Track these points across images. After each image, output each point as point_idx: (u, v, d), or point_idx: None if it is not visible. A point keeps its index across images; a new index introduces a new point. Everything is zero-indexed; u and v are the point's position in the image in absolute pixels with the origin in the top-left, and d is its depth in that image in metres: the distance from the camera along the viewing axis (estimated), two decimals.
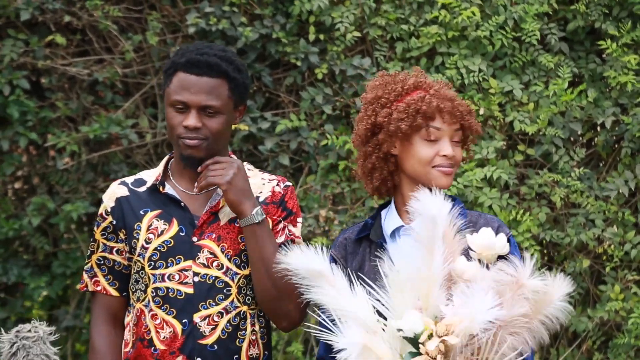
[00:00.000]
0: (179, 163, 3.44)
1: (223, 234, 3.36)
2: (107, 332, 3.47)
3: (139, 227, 3.38)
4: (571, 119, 5.35)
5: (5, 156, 5.72)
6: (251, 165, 3.53)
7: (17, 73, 5.56)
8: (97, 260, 3.46)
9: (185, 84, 3.32)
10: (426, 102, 3.19)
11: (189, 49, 3.39)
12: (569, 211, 5.35)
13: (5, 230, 5.67)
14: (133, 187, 3.45)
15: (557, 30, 5.42)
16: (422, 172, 3.22)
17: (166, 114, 3.37)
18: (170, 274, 3.34)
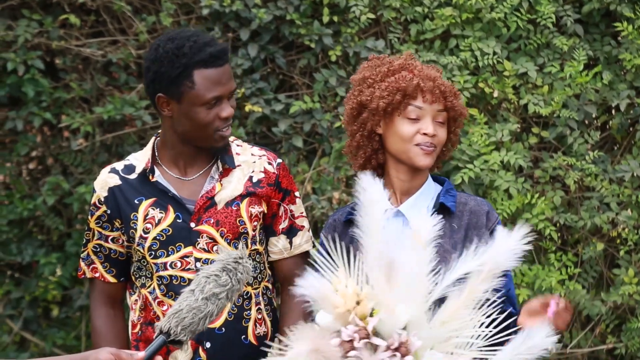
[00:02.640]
0: (177, 150, 3.39)
1: (221, 218, 3.36)
2: (107, 313, 3.50)
3: (135, 217, 3.37)
4: (586, 101, 5.32)
5: (19, 136, 5.73)
6: (240, 140, 3.52)
7: (31, 53, 5.56)
8: (94, 248, 3.47)
9: (216, 78, 3.27)
10: (407, 80, 3.23)
11: (196, 46, 3.28)
12: (583, 194, 5.34)
13: (20, 210, 5.69)
14: (124, 174, 3.42)
15: (572, 13, 5.39)
16: (403, 149, 3.27)
17: (193, 115, 3.27)
18: (172, 262, 3.35)
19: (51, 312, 6.19)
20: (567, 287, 5.17)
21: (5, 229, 5.72)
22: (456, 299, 2.74)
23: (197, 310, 2.80)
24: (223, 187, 3.40)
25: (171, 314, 2.81)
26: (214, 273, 2.84)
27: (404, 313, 2.69)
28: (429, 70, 3.33)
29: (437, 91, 3.26)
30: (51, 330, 5.94)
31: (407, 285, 2.71)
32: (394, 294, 2.72)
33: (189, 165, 3.41)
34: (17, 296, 5.89)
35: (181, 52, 3.28)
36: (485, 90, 5.27)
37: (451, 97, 3.30)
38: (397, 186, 3.34)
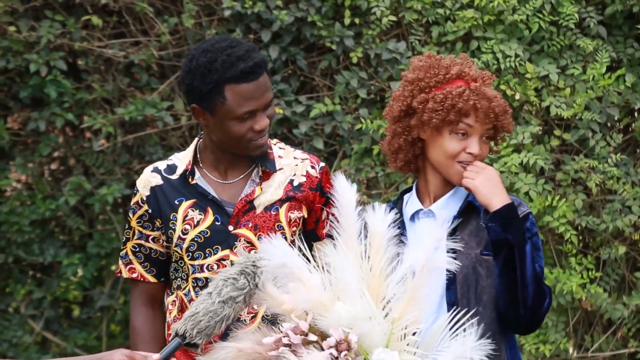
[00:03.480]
0: (217, 156, 3.39)
1: (260, 222, 3.34)
2: (146, 313, 3.49)
3: (174, 217, 3.36)
4: (608, 104, 5.30)
5: (42, 137, 5.76)
6: (282, 143, 3.50)
7: (54, 54, 5.59)
8: (133, 248, 3.46)
9: (248, 93, 3.22)
10: (463, 99, 3.16)
11: (228, 61, 3.23)
12: (605, 197, 5.31)
13: (42, 210, 5.71)
14: (166, 174, 3.42)
15: (595, 14, 5.36)
16: (444, 164, 3.22)
17: (227, 128, 3.23)
18: (208, 264, 3.34)
19: (72, 312, 6.21)
20: (588, 291, 5.14)
21: (27, 229, 5.75)
22: (403, 296, 2.78)
23: (213, 314, 2.79)
24: (263, 191, 3.37)
25: (187, 317, 2.80)
26: (231, 276, 2.83)
27: (343, 311, 2.74)
28: (484, 84, 3.24)
29: (492, 114, 3.20)
30: (72, 330, 5.97)
31: (342, 285, 2.77)
32: (329, 293, 2.78)
33: (230, 168, 3.39)
34: (38, 296, 5.92)
35: (213, 66, 3.22)
36: (507, 92, 5.24)
37: (502, 117, 3.24)
38: (432, 189, 3.30)
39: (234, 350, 2.87)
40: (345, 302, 2.77)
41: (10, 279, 5.95)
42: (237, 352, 2.86)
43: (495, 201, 3.13)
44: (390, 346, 2.77)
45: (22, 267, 5.98)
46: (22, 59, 5.61)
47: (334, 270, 2.82)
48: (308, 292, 2.79)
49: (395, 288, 2.79)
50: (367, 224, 2.87)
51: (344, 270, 2.80)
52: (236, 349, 2.87)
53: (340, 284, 2.80)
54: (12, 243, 5.84)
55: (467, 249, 3.16)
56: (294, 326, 2.78)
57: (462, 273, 3.16)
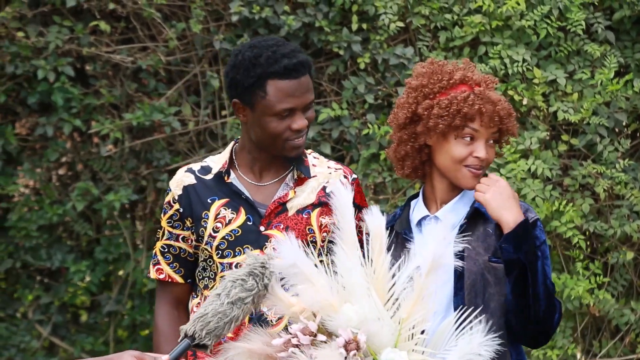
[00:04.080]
0: (254, 156, 3.40)
1: (291, 225, 3.35)
2: (171, 314, 3.49)
3: (206, 215, 3.37)
4: (616, 109, 5.29)
5: (49, 142, 5.77)
6: (317, 153, 3.52)
7: (62, 60, 5.60)
8: (162, 248, 3.47)
9: (290, 90, 3.25)
10: (468, 104, 3.16)
11: (273, 57, 3.27)
12: (613, 203, 5.30)
13: (50, 215, 5.72)
14: (200, 174, 3.44)
15: (602, 19, 5.36)
16: (452, 169, 3.22)
17: (265, 125, 3.26)
18: (237, 263, 3.34)
19: (80, 317, 6.22)
20: (596, 296, 5.13)
21: (35, 234, 5.75)
22: (410, 296, 2.80)
23: (222, 315, 2.79)
24: (296, 195, 3.38)
25: (196, 318, 2.80)
26: (240, 277, 2.84)
27: (351, 312, 2.76)
28: (488, 88, 3.25)
29: (497, 117, 3.20)
30: (80, 335, 5.97)
31: (349, 286, 2.79)
32: (336, 294, 2.80)
33: (265, 170, 3.41)
34: (46, 301, 5.93)
35: (258, 61, 3.26)
36: (515, 97, 5.24)
37: (507, 119, 3.24)
38: (439, 195, 3.30)
39: (244, 350, 2.88)
40: (352, 304, 2.79)
41: (18, 284, 5.96)
42: (247, 352, 2.87)
43: (507, 216, 3.13)
44: (398, 346, 2.79)
45: (30, 272, 5.99)
46: (30, 64, 5.62)
47: (341, 273, 2.84)
48: (316, 293, 2.81)
49: (402, 288, 2.81)
50: (368, 227, 2.89)
51: (350, 272, 2.82)
52: (246, 349, 2.88)
53: (348, 285, 2.81)
54: (19, 248, 5.85)
55: (475, 255, 3.16)
56: (303, 327, 2.80)
57: (469, 279, 3.16)
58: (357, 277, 2.81)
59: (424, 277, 2.81)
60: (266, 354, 2.86)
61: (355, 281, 2.81)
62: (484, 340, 2.76)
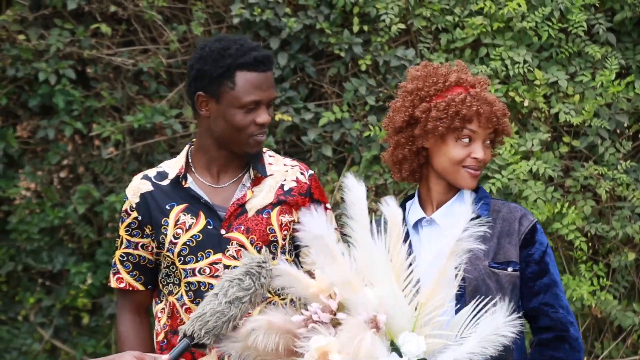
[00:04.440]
0: (212, 156, 3.40)
1: (252, 226, 3.35)
2: (133, 320, 3.49)
3: (166, 222, 3.37)
4: (617, 110, 5.29)
5: (51, 145, 5.77)
6: (272, 152, 3.53)
7: (63, 63, 5.60)
8: (121, 257, 3.46)
9: (256, 82, 3.28)
10: (466, 106, 3.19)
11: (242, 49, 3.32)
12: (615, 204, 5.30)
13: (51, 218, 5.72)
14: (156, 181, 3.42)
15: (604, 21, 5.36)
16: (451, 170, 3.24)
17: (230, 117, 3.28)
18: (201, 268, 3.34)
19: (81, 320, 6.22)
20: (598, 298, 5.13)
21: (36, 237, 5.75)
22: (430, 281, 2.85)
23: (220, 314, 2.80)
24: (254, 195, 3.40)
25: (195, 318, 2.80)
26: (237, 277, 2.85)
27: (371, 294, 2.80)
28: (483, 90, 3.26)
29: (494, 117, 3.22)
30: (81, 338, 5.97)
31: (369, 271, 2.84)
32: (358, 276, 2.85)
33: (222, 171, 3.42)
34: (48, 304, 5.92)
35: (227, 52, 3.30)
36: (516, 99, 5.24)
37: (502, 119, 3.26)
38: (435, 197, 3.31)
39: (265, 322, 2.91)
40: (371, 287, 2.84)
41: (20, 287, 5.96)
42: (267, 325, 2.90)
43: None
44: (416, 331, 2.82)
45: (31, 275, 5.99)
46: (31, 67, 5.62)
47: (359, 257, 2.88)
48: (339, 270, 2.85)
49: (419, 274, 2.86)
50: (385, 217, 2.93)
51: (369, 257, 2.86)
52: (267, 322, 2.91)
53: (366, 270, 2.85)
54: (21, 251, 5.85)
55: (475, 260, 3.15)
56: (323, 306, 2.83)
57: (471, 285, 3.15)
58: (376, 262, 2.85)
59: (445, 262, 2.86)
60: (286, 329, 2.88)
61: (374, 266, 2.85)
62: (507, 320, 2.79)
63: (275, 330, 2.90)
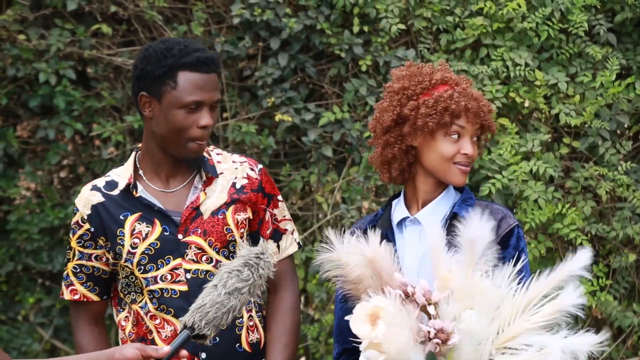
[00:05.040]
0: (158, 162, 3.37)
1: (208, 228, 3.34)
2: (91, 331, 3.46)
3: (121, 232, 3.33)
4: (618, 111, 5.28)
5: (51, 145, 5.77)
6: (220, 149, 3.51)
7: (63, 63, 5.60)
8: (74, 269, 3.42)
9: (200, 83, 3.26)
10: (455, 101, 3.23)
11: (185, 50, 3.29)
12: (615, 205, 5.29)
13: (51, 218, 5.72)
14: (106, 191, 3.37)
15: (604, 22, 5.35)
16: (441, 167, 3.26)
17: (171, 117, 3.25)
18: (162, 275, 3.32)
19: None
20: (599, 299, 5.12)
21: (36, 237, 5.75)
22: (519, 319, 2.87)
23: (220, 305, 2.81)
24: (207, 196, 3.37)
25: (195, 309, 2.81)
26: (236, 268, 2.86)
27: (472, 316, 2.84)
28: (468, 87, 3.30)
29: (482, 113, 3.26)
30: None
31: (485, 302, 2.87)
32: (472, 292, 2.89)
33: (171, 176, 3.38)
34: (47, 304, 5.92)
35: (170, 52, 3.28)
36: (516, 100, 5.24)
37: (488, 116, 3.30)
38: (421, 196, 3.33)
39: (363, 260, 2.98)
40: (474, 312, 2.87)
41: (19, 287, 5.96)
42: (365, 261, 2.98)
43: None
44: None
45: (31, 275, 5.98)
46: (31, 67, 5.62)
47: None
48: (465, 275, 2.90)
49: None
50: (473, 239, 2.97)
51: (495, 291, 2.89)
52: (365, 259, 2.98)
53: (486, 300, 2.88)
54: (21, 251, 5.85)
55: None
56: (427, 290, 2.86)
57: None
58: (498, 300, 2.88)
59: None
60: (380, 273, 2.95)
61: (492, 301, 2.87)
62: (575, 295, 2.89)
63: (370, 269, 2.97)
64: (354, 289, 3.07)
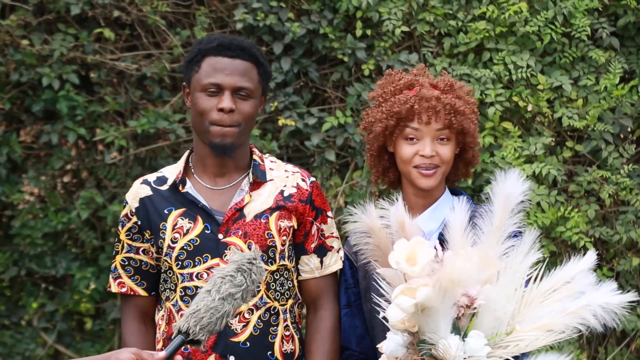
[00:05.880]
0: (203, 157, 3.40)
1: (249, 230, 3.34)
2: (138, 328, 3.47)
3: (164, 226, 3.36)
4: (621, 115, 5.28)
5: (54, 150, 5.77)
6: (274, 157, 3.52)
7: (66, 68, 5.61)
8: (122, 261, 3.45)
9: (219, 66, 3.30)
10: (400, 104, 3.25)
11: (214, 37, 3.38)
12: (619, 209, 5.29)
13: (55, 223, 5.72)
14: (155, 185, 3.42)
15: (607, 25, 5.35)
16: (405, 171, 3.32)
17: (195, 100, 3.32)
18: (198, 273, 3.33)
19: (85, 325, 6.21)
20: None
21: (39, 241, 5.75)
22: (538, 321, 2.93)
23: (214, 310, 2.81)
24: (252, 200, 3.38)
25: (189, 314, 2.81)
26: (229, 274, 2.86)
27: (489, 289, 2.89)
28: (430, 89, 3.30)
29: (431, 112, 3.26)
30: (85, 343, 5.96)
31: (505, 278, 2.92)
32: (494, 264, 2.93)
33: (219, 175, 3.41)
34: (51, 309, 5.92)
35: (200, 42, 3.38)
36: (520, 103, 5.24)
37: (451, 115, 3.28)
38: (413, 201, 3.35)
39: (393, 222, 3.07)
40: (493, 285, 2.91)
41: (23, 291, 5.96)
42: (395, 223, 3.03)
43: None
44: (489, 343, 2.87)
45: (35, 280, 5.99)
46: (35, 72, 5.63)
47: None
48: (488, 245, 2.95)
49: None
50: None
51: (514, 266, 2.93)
52: (395, 221, 3.06)
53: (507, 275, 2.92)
54: (24, 256, 5.85)
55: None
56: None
57: None
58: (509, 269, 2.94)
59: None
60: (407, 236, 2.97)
61: (505, 270, 2.92)
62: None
63: (400, 230, 3.02)
64: (380, 256, 3.07)
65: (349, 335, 3.46)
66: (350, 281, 3.48)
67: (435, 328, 2.82)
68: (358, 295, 3.45)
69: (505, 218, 2.95)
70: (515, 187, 2.96)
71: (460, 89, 3.39)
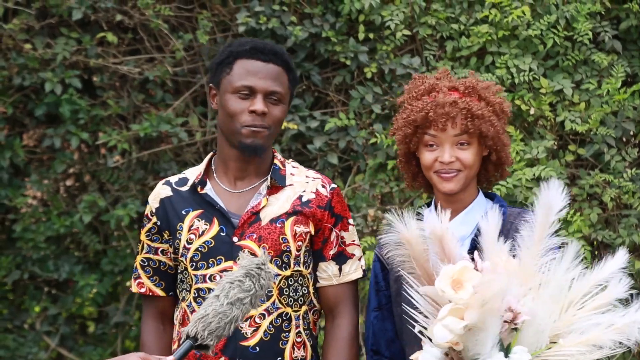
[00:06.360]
0: (226, 159, 3.42)
1: (264, 235, 3.34)
2: (156, 328, 3.49)
3: (180, 227, 3.37)
4: (624, 118, 5.28)
5: (57, 154, 5.77)
6: (296, 163, 3.52)
7: (69, 72, 5.61)
8: (142, 262, 3.47)
9: (252, 69, 3.31)
10: (416, 112, 3.25)
11: (246, 40, 3.39)
12: (621, 212, 5.28)
13: (57, 227, 5.72)
14: (176, 186, 3.45)
15: (610, 29, 5.35)
16: (428, 176, 3.33)
17: (224, 102, 3.32)
18: (211, 275, 3.33)
19: (88, 328, 6.21)
20: None
21: (42, 245, 5.76)
22: (581, 336, 2.90)
23: (222, 315, 2.81)
24: (269, 204, 3.38)
25: (197, 319, 2.81)
26: (237, 279, 2.86)
27: (531, 302, 2.87)
28: (447, 94, 3.28)
29: (446, 119, 3.24)
30: (87, 346, 5.97)
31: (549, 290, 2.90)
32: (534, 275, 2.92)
33: (239, 178, 3.42)
34: (54, 313, 5.93)
35: (231, 44, 3.40)
36: (522, 107, 5.23)
37: (468, 120, 3.24)
38: (444, 205, 3.31)
39: (430, 235, 3.01)
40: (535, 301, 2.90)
41: (26, 295, 5.96)
42: (433, 236, 3.00)
43: None
44: (532, 356, 2.87)
45: (37, 283, 5.99)
46: (37, 76, 5.63)
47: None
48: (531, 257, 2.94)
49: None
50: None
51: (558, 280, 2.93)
52: (433, 234, 3.02)
53: (549, 288, 2.92)
54: (27, 259, 5.85)
55: None
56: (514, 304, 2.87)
57: None
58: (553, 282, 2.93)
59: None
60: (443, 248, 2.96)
61: (546, 293, 2.91)
62: None
63: (438, 242, 2.99)
64: (416, 267, 3.05)
65: (379, 339, 3.45)
66: (381, 283, 3.44)
67: (482, 346, 2.80)
68: (389, 298, 3.42)
69: (545, 229, 2.93)
70: (557, 198, 2.94)
71: (486, 90, 3.34)
